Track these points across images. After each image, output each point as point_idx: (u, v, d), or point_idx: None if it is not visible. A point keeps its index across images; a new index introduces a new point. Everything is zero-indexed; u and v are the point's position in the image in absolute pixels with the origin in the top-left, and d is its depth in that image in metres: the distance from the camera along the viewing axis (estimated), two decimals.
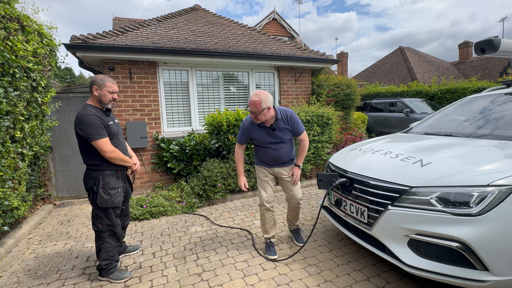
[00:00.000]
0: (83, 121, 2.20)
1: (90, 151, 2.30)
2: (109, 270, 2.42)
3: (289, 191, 2.79)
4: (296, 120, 2.63)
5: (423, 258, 1.85)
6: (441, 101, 9.92)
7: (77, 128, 2.23)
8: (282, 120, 2.58)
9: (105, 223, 2.36)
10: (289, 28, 14.88)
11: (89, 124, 2.20)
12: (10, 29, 3.14)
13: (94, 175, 2.32)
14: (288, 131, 2.63)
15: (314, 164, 5.43)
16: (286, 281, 2.31)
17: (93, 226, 2.38)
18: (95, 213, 2.36)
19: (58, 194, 4.84)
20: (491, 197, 1.66)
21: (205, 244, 3.01)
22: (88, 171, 2.35)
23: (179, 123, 5.43)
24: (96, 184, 2.31)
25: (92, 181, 2.32)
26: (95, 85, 2.33)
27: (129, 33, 5.27)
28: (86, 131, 2.19)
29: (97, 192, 2.30)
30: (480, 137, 2.45)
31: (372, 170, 2.30)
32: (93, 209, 2.37)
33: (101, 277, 2.45)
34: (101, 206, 2.30)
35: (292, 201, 2.83)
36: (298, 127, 2.64)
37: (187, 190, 4.37)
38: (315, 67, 6.47)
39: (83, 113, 2.23)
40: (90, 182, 2.33)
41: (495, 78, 15.21)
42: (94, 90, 2.33)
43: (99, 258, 2.41)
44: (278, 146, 2.64)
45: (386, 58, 19.92)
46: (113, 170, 2.39)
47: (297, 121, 2.64)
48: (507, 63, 14.91)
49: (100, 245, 2.39)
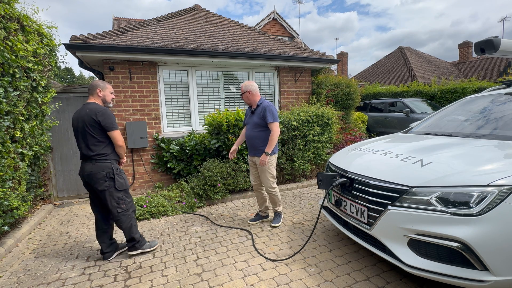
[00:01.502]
0: (105, 113, 2.55)
1: (101, 142, 2.57)
2: (142, 242, 2.82)
3: (260, 178, 3.34)
4: (268, 111, 3.12)
5: (423, 258, 1.85)
6: (441, 101, 9.92)
7: (98, 118, 2.50)
8: (260, 108, 3.18)
9: (127, 202, 2.71)
10: (289, 28, 14.88)
11: (110, 116, 2.57)
12: (10, 29, 3.14)
13: (105, 165, 2.58)
14: (262, 119, 3.14)
15: (314, 164, 5.43)
16: (286, 281, 2.31)
17: (119, 209, 2.65)
18: (117, 196, 2.63)
19: (58, 194, 4.84)
20: (491, 197, 1.66)
21: (205, 244, 3.01)
22: (97, 162, 2.56)
23: (179, 123, 5.43)
24: (110, 172, 2.59)
25: (105, 170, 2.57)
26: (99, 88, 2.67)
27: (129, 33, 5.27)
28: (109, 122, 2.54)
29: (113, 178, 2.60)
30: (480, 137, 2.45)
31: (372, 170, 2.30)
32: (113, 195, 2.61)
33: (134, 251, 2.78)
34: (120, 189, 2.63)
35: (263, 186, 3.40)
36: (267, 116, 3.11)
37: (187, 190, 4.37)
38: (315, 67, 6.47)
39: (102, 108, 2.58)
40: (103, 171, 2.56)
41: (495, 78, 15.21)
42: (99, 91, 2.66)
43: (132, 234, 2.72)
44: (253, 129, 3.23)
45: (386, 58, 19.92)
46: (117, 159, 2.72)
47: (268, 112, 3.11)
48: (507, 63, 14.93)
49: (130, 222, 2.71)
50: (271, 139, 3.11)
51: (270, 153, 3.15)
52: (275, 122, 3.11)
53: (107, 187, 2.57)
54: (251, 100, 3.24)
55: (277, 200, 3.42)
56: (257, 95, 3.25)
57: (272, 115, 3.11)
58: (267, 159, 3.14)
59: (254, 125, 3.21)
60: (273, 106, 3.19)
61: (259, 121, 3.16)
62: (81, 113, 2.55)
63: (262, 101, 3.23)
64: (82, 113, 2.54)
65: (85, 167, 2.58)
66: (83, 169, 2.59)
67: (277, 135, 3.12)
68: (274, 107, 3.27)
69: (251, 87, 3.20)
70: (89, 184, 2.63)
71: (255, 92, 3.22)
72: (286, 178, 5.23)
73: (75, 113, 2.62)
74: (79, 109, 2.62)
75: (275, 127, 3.11)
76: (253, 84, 3.22)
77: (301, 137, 5.16)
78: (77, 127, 2.57)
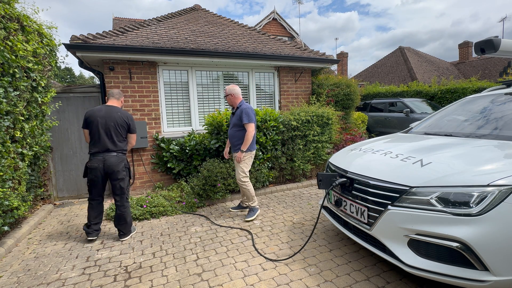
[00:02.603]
0: (133, 119, 3.26)
1: (124, 140, 3.20)
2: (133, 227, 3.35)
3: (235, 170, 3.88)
4: (245, 113, 3.44)
5: (423, 258, 1.85)
6: (441, 101, 9.92)
7: (129, 121, 3.18)
8: (239, 110, 3.51)
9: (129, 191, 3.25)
10: (289, 28, 14.89)
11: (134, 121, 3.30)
12: (10, 29, 3.14)
13: (124, 158, 3.18)
14: (239, 120, 3.48)
15: (314, 164, 5.43)
16: (286, 281, 2.31)
17: (126, 196, 3.15)
18: (126, 185, 3.15)
19: (58, 194, 4.84)
20: (491, 197, 1.66)
21: (205, 244, 3.01)
22: (120, 155, 3.11)
23: (179, 123, 5.43)
24: (127, 164, 3.19)
25: (124, 162, 3.15)
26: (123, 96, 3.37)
27: (129, 33, 5.27)
28: (134, 126, 3.26)
29: (129, 168, 3.23)
30: (480, 137, 2.45)
31: (372, 170, 2.30)
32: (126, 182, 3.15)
33: (125, 238, 3.18)
34: (129, 178, 3.24)
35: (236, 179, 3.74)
36: (243, 117, 3.44)
37: (187, 190, 4.37)
38: (315, 67, 6.47)
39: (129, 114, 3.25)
40: (123, 163, 3.12)
41: (495, 78, 15.21)
42: (122, 99, 3.35)
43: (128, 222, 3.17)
44: (232, 128, 3.61)
45: (386, 58, 19.92)
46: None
47: (245, 114, 3.43)
48: (507, 63, 14.93)
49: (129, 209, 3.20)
50: (245, 138, 3.45)
51: (246, 151, 3.51)
52: (250, 123, 3.44)
53: (123, 177, 3.11)
54: (233, 102, 3.61)
55: (249, 195, 3.67)
56: (238, 98, 3.61)
57: (248, 117, 3.44)
58: (242, 156, 3.51)
59: (233, 125, 3.60)
60: (251, 109, 3.51)
61: (237, 122, 3.51)
62: (111, 114, 3.07)
63: (241, 104, 3.57)
64: (113, 114, 3.08)
65: (108, 158, 3.02)
66: (105, 160, 3.02)
67: (251, 135, 3.45)
68: (252, 109, 3.55)
69: (233, 91, 3.59)
70: (107, 174, 3.06)
71: (236, 95, 3.59)
72: (286, 178, 5.23)
73: (99, 111, 3.06)
74: (104, 108, 3.10)
75: (249, 127, 3.44)
76: (236, 88, 3.60)
77: (301, 137, 5.16)
78: (105, 124, 3.02)
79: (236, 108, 3.58)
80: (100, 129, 3.00)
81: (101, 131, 3.00)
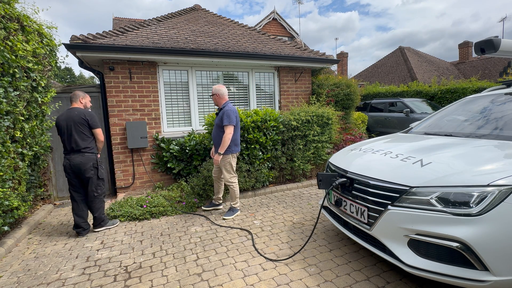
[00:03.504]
0: (91, 114, 3.25)
1: (88, 138, 3.21)
2: (105, 221, 3.47)
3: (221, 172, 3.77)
4: (226, 114, 3.44)
5: (423, 258, 1.85)
6: (441, 101, 9.92)
7: (87, 117, 3.17)
8: (222, 111, 3.51)
9: (102, 188, 3.37)
10: (289, 28, 14.89)
11: (95, 116, 3.27)
12: (10, 29, 3.14)
13: (92, 157, 3.22)
14: (221, 121, 3.47)
15: (314, 164, 5.43)
16: (286, 281, 2.31)
17: (95, 193, 3.30)
18: (96, 183, 3.28)
19: (58, 194, 4.84)
20: (491, 197, 1.66)
21: (205, 244, 3.01)
22: (86, 154, 3.18)
23: (179, 123, 5.43)
24: (95, 162, 3.24)
25: (92, 161, 3.21)
26: (81, 96, 3.34)
27: (129, 33, 5.27)
28: (94, 121, 3.24)
29: (97, 168, 3.26)
30: (480, 137, 2.45)
31: (372, 170, 2.30)
32: (94, 181, 3.26)
33: (99, 228, 3.41)
34: (100, 177, 3.30)
35: (222, 179, 3.81)
36: (224, 118, 3.44)
37: (187, 190, 4.37)
38: (315, 67, 6.47)
39: (88, 110, 3.29)
40: (90, 162, 3.19)
41: (495, 78, 15.21)
42: (81, 99, 3.34)
43: (99, 214, 3.37)
44: (215, 128, 3.61)
45: (386, 58, 19.92)
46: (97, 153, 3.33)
47: (226, 115, 3.43)
48: (507, 63, 14.93)
49: (100, 204, 3.38)
50: (223, 140, 3.44)
51: (224, 153, 3.51)
52: (229, 125, 3.42)
53: (91, 175, 3.20)
54: (218, 102, 3.63)
55: (234, 195, 3.74)
56: (224, 99, 3.61)
57: (228, 119, 3.42)
58: (219, 158, 3.51)
59: (216, 126, 3.60)
60: (232, 111, 3.48)
61: (219, 122, 3.52)
62: (70, 115, 3.15)
63: (225, 105, 3.56)
64: (72, 115, 3.14)
65: (74, 158, 3.14)
66: (71, 160, 3.14)
67: (229, 137, 3.43)
68: (234, 112, 3.53)
69: (219, 91, 3.59)
70: (75, 173, 3.18)
71: (222, 96, 3.59)
72: (286, 178, 5.23)
73: (61, 116, 3.18)
74: (65, 112, 3.20)
75: (227, 129, 3.43)
76: (222, 89, 3.60)
77: (301, 137, 5.16)
78: (66, 126, 3.13)
79: (220, 109, 3.59)
80: (64, 131, 3.15)
81: (65, 134, 3.15)
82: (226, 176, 3.65)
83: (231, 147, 3.54)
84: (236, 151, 3.64)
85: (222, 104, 3.59)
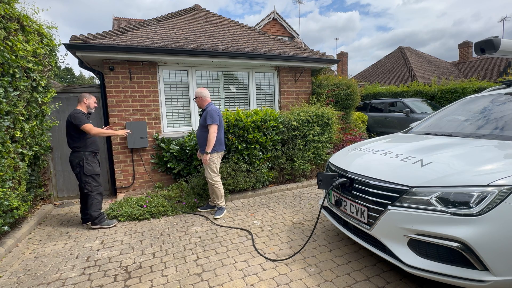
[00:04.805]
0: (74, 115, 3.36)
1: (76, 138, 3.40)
2: (101, 219, 3.50)
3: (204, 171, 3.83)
4: (209, 114, 3.54)
5: (423, 258, 1.85)
6: (441, 101, 9.92)
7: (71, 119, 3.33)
8: (205, 112, 3.62)
9: (92, 185, 3.45)
10: (289, 28, 14.89)
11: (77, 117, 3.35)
12: (10, 29, 3.13)
13: (78, 155, 3.41)
14: (204, 121, 3.58)
15: (314, 164, 5.43)
16: (286, 281, 2.31)
17: (85, 189, 3.43)
18: (84, 180, 3.41)
19: (58, 194, 4.84)
20: (491, 197, 1.66)
21: (205, 244, 3.01)
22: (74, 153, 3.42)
23: (179, 123, 5.43)
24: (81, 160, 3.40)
25: (78, 159, 3.39)
26: (85, 97, 3.54)
27: (129, 33, 5.27)
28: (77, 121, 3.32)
29: (82, 165, 3.40)
30: (480, 137, 2.45)
31: (372, 170, 2.30)
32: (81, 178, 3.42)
33: (95, 226, 3.49)
34: (87, 174, 3.41)
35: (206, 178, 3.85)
36: (207, 118, 3.55)
37: (187, 190, 4.37)
38: (315, 67, 6.47)
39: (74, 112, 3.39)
40: (76, 159, 3.40)
41: (495, 78, 15.21)
42: (85, 100, 3.53)
43: (92, 212, 3.44)
44: (199, 129, 3.74)
45: (386, 58, 19.92)
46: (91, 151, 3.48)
47: (209, 115, 3.54)
48: (507, 63, 14.92)
49: (91, 201, 3.44)
50: (208, 139, 3.54)
51: (211, 152, 3.59)
52: (212, 124, 3.53)
53: (78, 172, 3.41)
54: (201, 104, 3.75)
55: (219, 194, 3.80)
56: (206, 101, 3.74)
57: (211, 118, 3.53)
58: (207, 157, 3.60)
59: (200, 126, 3.73)
60: (215, 111, 3.59)
61: (203, 123, 3.63)
62: (67, 117, 3.41)
63: (208, 106, 3.69)
64: (67, 117, 3.40)
65: (69, 156, 3.46)
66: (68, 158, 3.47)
67: (213, 136, 3.53)
68: (217, 112, 3.63)
69: (201, 94, 3.73)
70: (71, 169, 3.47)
71: (204, 98, 3.73)
72: (286, 178, 5.23)
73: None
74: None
75: (210, 128, 3.53)
76: (204, 91, 3.74)
77: (301, 137, 5.16)
78: (65, 127, 3.50)
79: (203, 110, 3.71)
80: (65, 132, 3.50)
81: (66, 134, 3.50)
82: (210, 175, 3.71)
83: (215, 145, 3.63)
84: (221, 149, 3.74)
85: (205, 106, 3.71)
